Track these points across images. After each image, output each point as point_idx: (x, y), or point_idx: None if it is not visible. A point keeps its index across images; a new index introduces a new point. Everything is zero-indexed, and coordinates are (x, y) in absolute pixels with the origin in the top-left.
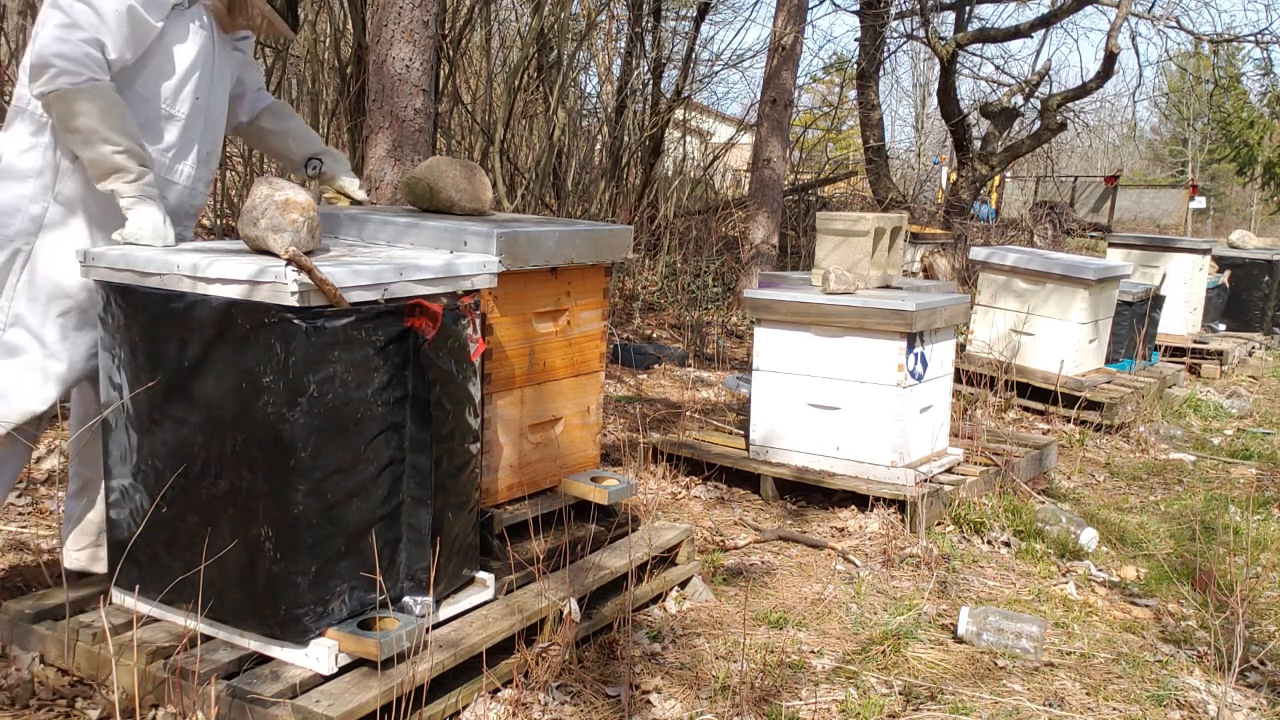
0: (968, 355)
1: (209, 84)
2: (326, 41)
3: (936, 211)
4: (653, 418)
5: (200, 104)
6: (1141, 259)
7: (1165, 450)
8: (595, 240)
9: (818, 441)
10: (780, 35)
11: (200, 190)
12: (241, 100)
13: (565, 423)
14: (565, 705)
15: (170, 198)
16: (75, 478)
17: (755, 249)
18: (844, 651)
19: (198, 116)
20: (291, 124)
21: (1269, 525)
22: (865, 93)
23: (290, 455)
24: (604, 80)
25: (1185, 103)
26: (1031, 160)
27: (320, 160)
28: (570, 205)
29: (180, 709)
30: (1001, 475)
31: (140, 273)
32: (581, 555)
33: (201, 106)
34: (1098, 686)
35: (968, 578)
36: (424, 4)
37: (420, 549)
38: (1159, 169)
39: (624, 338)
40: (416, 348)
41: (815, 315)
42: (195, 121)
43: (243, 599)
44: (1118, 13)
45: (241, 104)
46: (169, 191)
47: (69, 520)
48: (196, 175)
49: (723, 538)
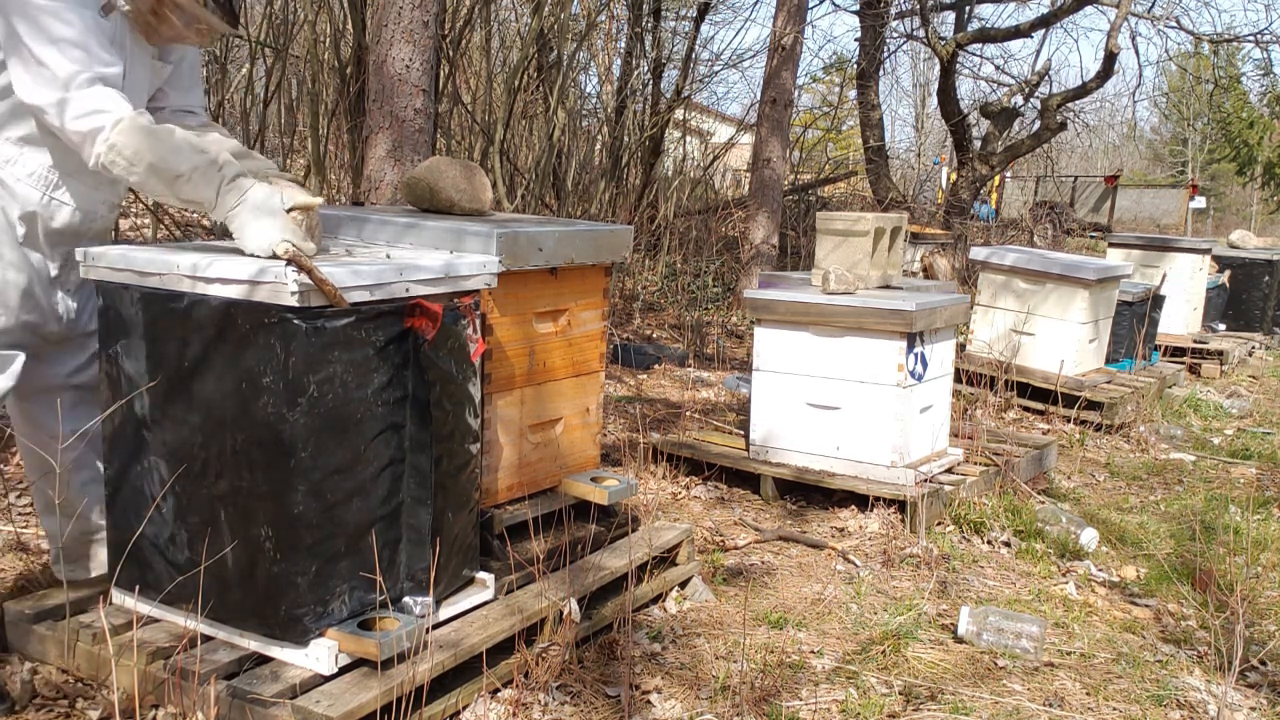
0: (968, 355)
1: None
2: (326, 41)
3: (936, 211)
4: (653, 418)
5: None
6: (1141, 259)
7: (1165, 450)
8: (595, 240)
9: (818, 441)
10: (780, 35)
11: (103, 213)
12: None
13: (565, 423)
14: (565, 705)
15: (59, 218)
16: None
17: (755, 249)
18: (844, 651)
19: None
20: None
21: (1269, 525)
22: (865, 93)
23: (290, 455)
24: (604, 80)
25: (1185, 103)
26: (1031, 160)
27: None
28: (570, 205)
29: (180, 709)
30: (1001, 475)
31: (140, 273)
32: (581, 555)
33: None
34: (1098, 686)
35: (968, 578)
36: (424, 4)
37: (420, 549)
38: (1159, 169)
39: (624, 338)
40: (416, 348)
41: (815, 315)
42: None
43: (243, 599)
44: (1118, 13)
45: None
46: (58, 213)
47: (52, 538)
48: (97, 196)
49: (723, 538)
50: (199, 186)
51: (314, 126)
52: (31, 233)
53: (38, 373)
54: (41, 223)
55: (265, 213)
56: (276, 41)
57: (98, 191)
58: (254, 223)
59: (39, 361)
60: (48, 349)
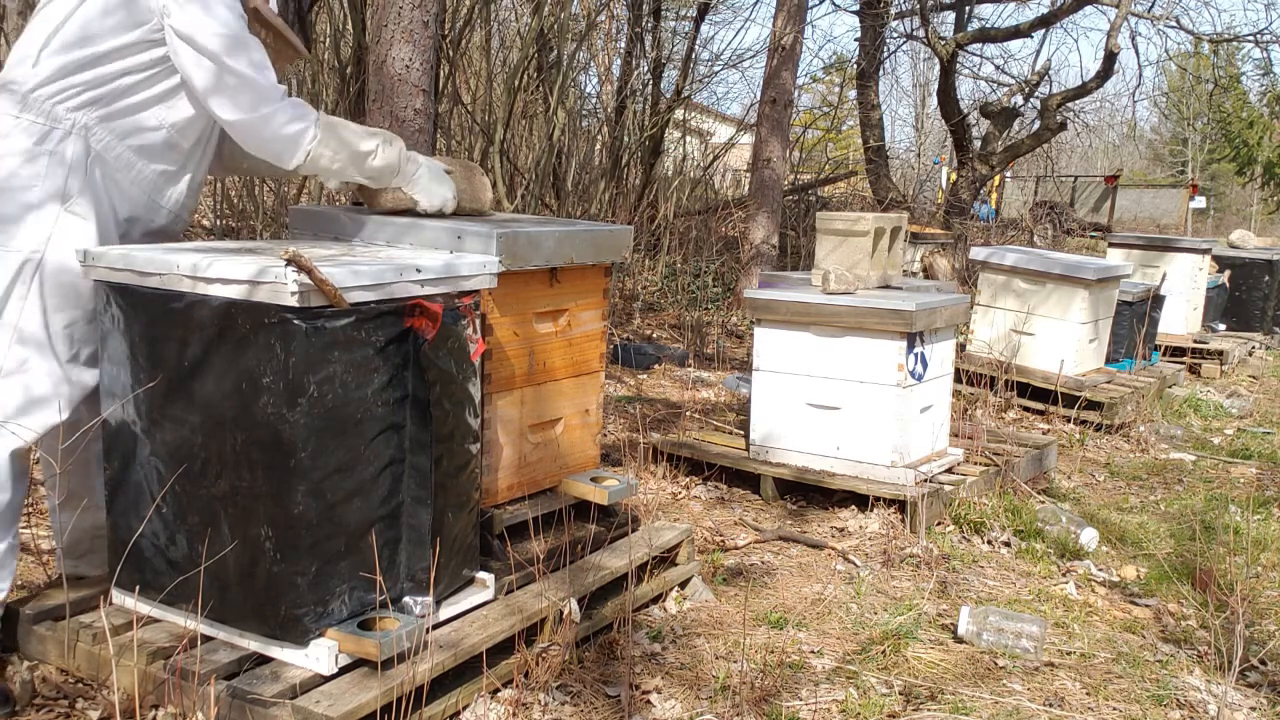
0: (968, 355)
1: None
2: (326, 41)
3: (936, 211)
4: (653, 418)
5: (203, 135)
6: (1141, 259)
7: (1165, 450)
8: (595, 240)
9: (818, 441)
10: (780, 35)
11: (185, 217)
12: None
13: (565, 423)
14: (565, 705)
15: (157, 221)
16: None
17: (755, 249)
18: (844, 651)
19: (198, 148)
20: None
21: (1269, 525)
22: (865, 93)
23: (290, 455)
24: (604, 80)
25: (1185, 102)
26: (1031, 160)
27: None
28: (570, 205)
29: (180, 709)
30: (1001, 475)
31: (140, 272)
32: (581, 555)
33: (204, 138)
34: (1098, 686)
35: (968, 577)
36: (424, 4)
37: (420, 549)
38: (1159, 169)
39: (624, 338)
40: (416, 348)
41: (815, 315)
42: (195, 152)
43: (243, 599)
44: (1118, 12)
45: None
46: (156, 215)
47: (58, 532)
48: (184, 204)
49: (723, 538)
50: (387, 158)
51: None
52: (130, 234)
53: None
54: (142, 225)
55: (437, 178)
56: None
57: (190, 199)
58: (434, 185)
59: None
60: None
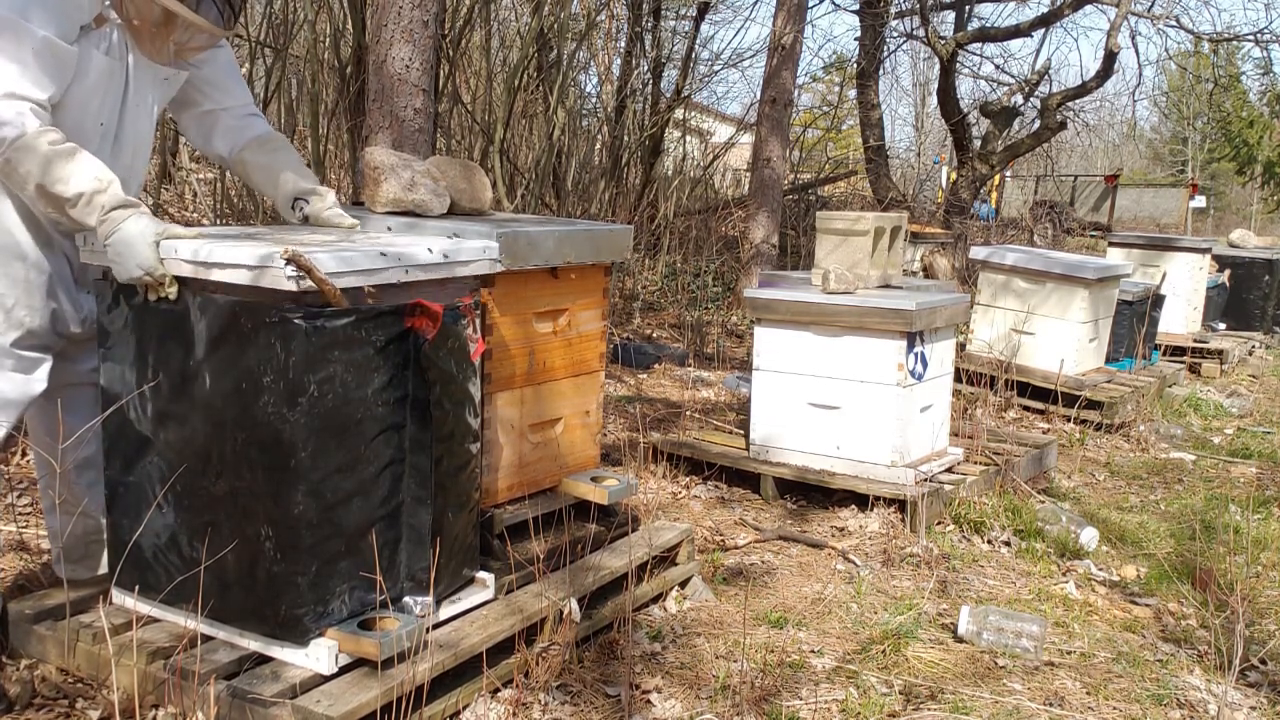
0: (968, 355)
1: (116, 109)
2: (326, 41)
3: (936, 211)
4: (653, 418)
5: (106, 130)
6: (1142, 258)
7: (1165, 449)
8: (595, 240)
9: (818, 441)
10: (780, 35)
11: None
12: (215, 126)
13: (565, 423)
14: (565, 705)
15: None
16: (46, 493)
17: (755, 249)
18: (844, 651)
19: (104, 145)
20: (278, 157)
21: (1269, 524)
22: (865, 92)
23: (290, 455)
24: (604, 80)
25: (1185, 102)
26: (1031, 160)
27: (306, 201)
28: (570, 205)
29: (180, 709)
30: (1001, 474)
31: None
32: (581, 555)
33: (108, 133)
34: (1098, 686)
35: (968, 577)
36: (424, 4)
37: (420, 549)
38: (1159, 168)
39: (624, 338)
40: (416, 348)
41: (815, 315)
42: (101, 151)
43: (243, 599)
44: (1117, 12)
45: (215, 130)
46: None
47: (54, 537)
48: None
49: (723, 537)
50: (82, 216)
51: (314, 126)
52: (53, 236)
53: (60, 371)
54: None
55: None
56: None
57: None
58: (126, 255)
59: (62, 360)
60: (70, 348)
